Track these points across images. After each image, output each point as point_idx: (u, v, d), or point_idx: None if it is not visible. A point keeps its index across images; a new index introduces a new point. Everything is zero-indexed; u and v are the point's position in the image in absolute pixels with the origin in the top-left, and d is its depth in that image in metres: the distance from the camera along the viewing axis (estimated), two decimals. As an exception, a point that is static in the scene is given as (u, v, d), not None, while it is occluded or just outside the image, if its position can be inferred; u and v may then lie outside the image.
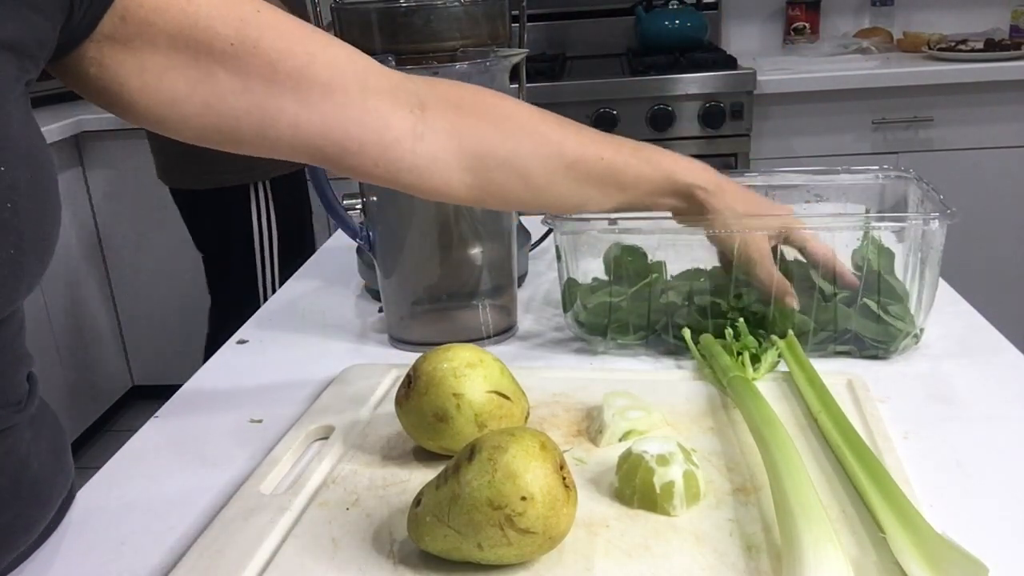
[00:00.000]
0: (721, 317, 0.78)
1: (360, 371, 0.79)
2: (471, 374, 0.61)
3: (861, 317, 0.76)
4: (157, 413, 0.78)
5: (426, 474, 0.60)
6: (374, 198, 0.83)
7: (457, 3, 0.85)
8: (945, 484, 0.59)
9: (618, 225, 0.79)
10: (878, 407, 0.68)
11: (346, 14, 0.88)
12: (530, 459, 0.49)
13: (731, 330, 0.76)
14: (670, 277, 0.81)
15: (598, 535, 0.54)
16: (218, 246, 1.89)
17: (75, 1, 0.52)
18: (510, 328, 0.88)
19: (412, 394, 0.62)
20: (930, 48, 2.41)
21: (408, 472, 0.63)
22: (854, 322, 0.76)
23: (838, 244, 0.77)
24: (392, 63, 0.85)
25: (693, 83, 2.22)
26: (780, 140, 2.33)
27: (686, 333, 0.78)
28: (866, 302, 0.76)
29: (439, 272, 0.85)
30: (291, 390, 0.79)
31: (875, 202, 0.89)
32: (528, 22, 1.00)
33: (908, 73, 2.26)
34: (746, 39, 2.81)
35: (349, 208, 0.92)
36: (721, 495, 0.58)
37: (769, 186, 0.92)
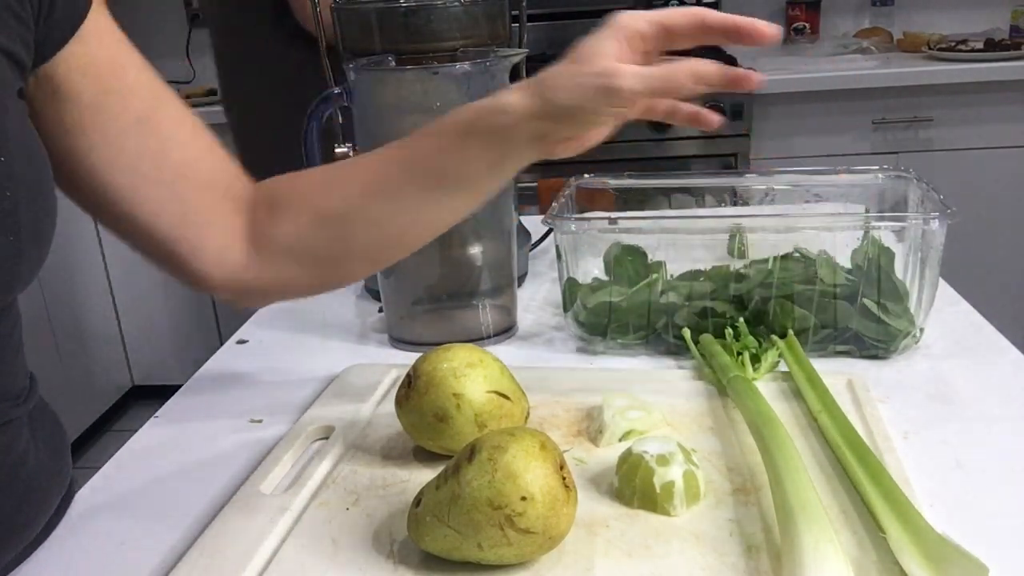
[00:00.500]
0: (721, 317, 0.78)
1: (360, 371, 0.79)
2: (471, 374, 0.61)
3: (861, 317, 0.76)
4: (157, 413, 0.78)
5: (426, 474, 0.60)
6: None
7: (457, 3, 0.85)
8: (945, 484, 0.59)
9: (618, 225, 0.79)
10: (878, 407, 0.68)
11: (346, 14, 0.88)
12: (530, 459, 0.49)
13: (731, 330, 0.76)
14: (670, 277, 0.81)
15: (598, 535, 0.54)
16: None
17: (41, 16, 0.55)
18: (510, 328, 0.88)
19: (412, 394, 0.62)
20: (930, 48, 2.41)
21: (408, 472, 0.63)
22: (854, 322, 0.76)
23: (838, 244, 0.77)
24: (392, 63, 0.85)
25: (693, 83, 2.22)
26: (780, 140, 2.33)
27: (686, 333, 0.78)
28: (866, 302, 0.76)
29: (439, 272, 0.85)
30: (291, 390, 0.79)
31: (875, 202, 0.89)
32: (528, 22, 1.00)
33: (908, 73, 2.26)
34: (746, 39, 2.81)
35: (349, 208, 0.92)
36: (721, 495, 0.58)
37: (769, 187, 0.92)
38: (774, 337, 0.76)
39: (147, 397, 2.76)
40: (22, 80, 0.55)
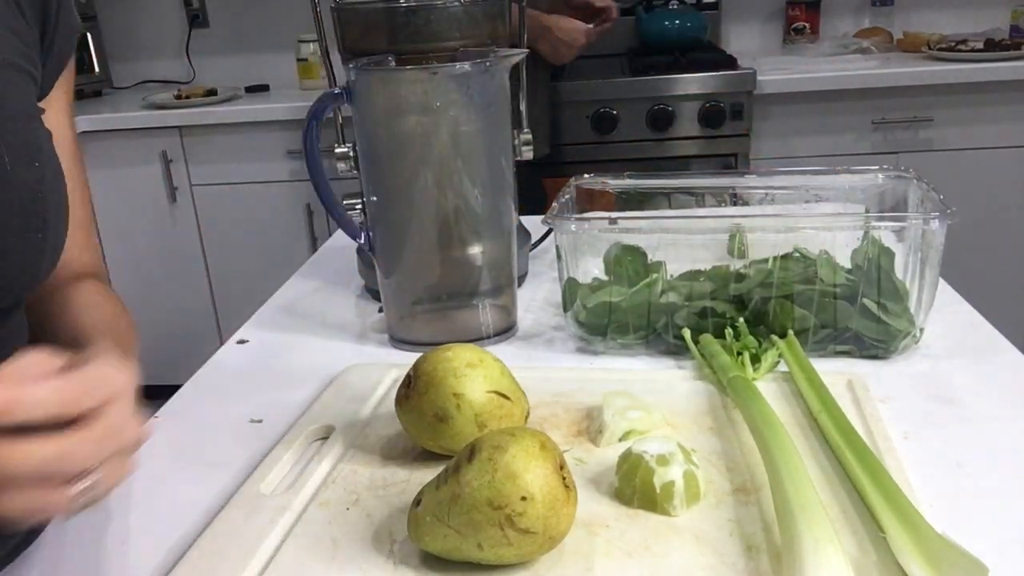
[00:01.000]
0: (721, 317, 0.78)
1: (360, 371, 0.79)
2: (471, 374, 0.61)
3: (861, 317, 0.76)
4: (157, 413, 0.78)
5: (426, 474, 0.60)
6: (374, 198, 0.83)
7: (457, 3, 0.85)
8: (945, 484, 0.59)
9: (618, 225, 0.79)
10: (878, 407, 0.68)
11: (346, 14, 0.88)
12: (530, 459, 0.49)
13: (731, 330, 0.76)
14: (670, 277, 0.81)
15: (598, 535, 0.54)
16: None
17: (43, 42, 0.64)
18: (510, 328, 0.88)
19: (412, 394, 0.62)
20: (930, 48, 2.41)
21: (408, 472, 0.63)
22: (854, 322, 0.76)
23: (838, 244, 0.77)
24: (392, 63, 0.85)
25: (693, 83, 2.22)
26: (780, 140, 2.33)
27: (686, 333, 0.78)
28: (866, 302, 0.76)
29: (439, 272, 0.85)
30: (291, 390, 0.79)
31: (875, 202, 0.89)
32: (528, 22, 1.00)
33: (908, 73, 2.26)
34: (746, 39, 2.81)
35: (349, 208, 0.92)
36: (721, 495, 0.58)
37: (769, 187, 0.92)
38: (774, 337, 0.76)
39: (147, 397, 2.74)
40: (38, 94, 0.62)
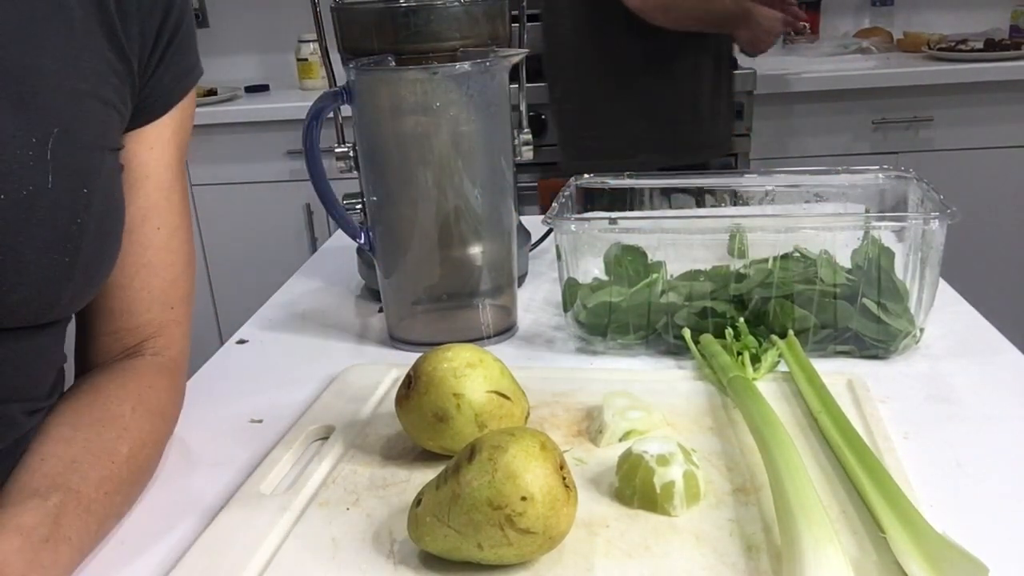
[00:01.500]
0: (721, 317, 0.78)
1: (360, 371, 0.79)
2: (471, 374, 0.61)
3: (861, 317, 0.76)
4: (157, 413, 0.77)
5: (426, 474, 0.60)
6: (374, 198, 0.83)
7: (457, 3, 0.85)
8: (945, 484, 0.59)
9: (618, 225, 0.79)
10: (878, 407, 0.68)
11: (346, 14, 0.88)
12: (530, 459, 0.49)
13: (731, 330, 0.76)
14: (670, 277, 0.81)
15: (598, 535, 0.54)
16: None
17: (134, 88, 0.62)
18: (510, 328, 0.88)
19: (412, 394, 0.62)
20: (930, 48, 2.41)
21: (408, 472, 0.63)
22: (854, 322, 0.76)
23: (838, 244, 0.77)
24: (392, 63, 0.85)
25: (693, 83, 2.22)
26: (780, 140, 2.33)
27: (686, 333, 0.78)
28: (866, 302, 0.76)
29: (439, 272, 0.85)
30: (291, 390, 0.79)
31: (875, 202, 0.89)
32: (528, 22, 1.00)
33: (908, 73, 2.26)
34: (746, 39, 2.81)
35: (349, 208, 0.92)
36: (721, 495, 0.58)
37: (769, 187, 0.92)
38: (774, 337, 0.76)
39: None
40: (120, 138, 0.61)
